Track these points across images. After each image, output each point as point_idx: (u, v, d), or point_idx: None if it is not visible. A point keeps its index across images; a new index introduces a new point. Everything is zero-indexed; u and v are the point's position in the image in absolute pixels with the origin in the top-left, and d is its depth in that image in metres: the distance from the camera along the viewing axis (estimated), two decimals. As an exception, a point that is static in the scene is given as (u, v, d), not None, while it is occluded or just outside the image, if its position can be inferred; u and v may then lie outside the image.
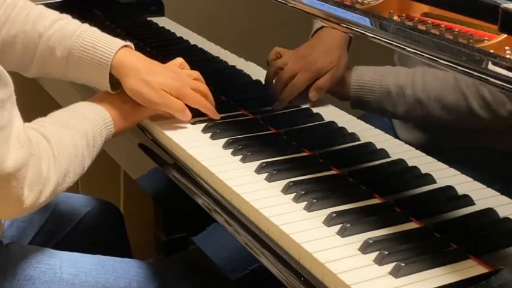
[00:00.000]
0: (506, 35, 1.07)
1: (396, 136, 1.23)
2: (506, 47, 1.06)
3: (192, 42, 1.72)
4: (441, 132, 1.16)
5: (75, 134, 1.19)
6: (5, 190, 1.04)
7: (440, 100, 1.10)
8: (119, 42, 1.33)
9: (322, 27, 1.31)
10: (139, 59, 1.33)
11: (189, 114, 1.34)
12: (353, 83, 1.24)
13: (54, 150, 1.12)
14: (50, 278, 1.23)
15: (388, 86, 1.18)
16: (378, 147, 1.24)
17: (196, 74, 1.39)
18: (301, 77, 1.33)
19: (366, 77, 1.22)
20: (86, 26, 1.37)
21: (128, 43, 1.35)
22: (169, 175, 1.31)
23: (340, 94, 1.29)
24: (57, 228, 1.51)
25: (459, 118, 1.09)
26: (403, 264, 0.96)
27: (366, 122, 1.28)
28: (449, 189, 1.12)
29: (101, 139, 1.25)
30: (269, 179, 1.18)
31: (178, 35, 1.78)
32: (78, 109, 1.27)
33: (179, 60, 1.41)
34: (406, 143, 1.20)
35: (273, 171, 1.19)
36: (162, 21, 1.85)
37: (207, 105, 1.37)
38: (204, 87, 1.38)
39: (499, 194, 1.05)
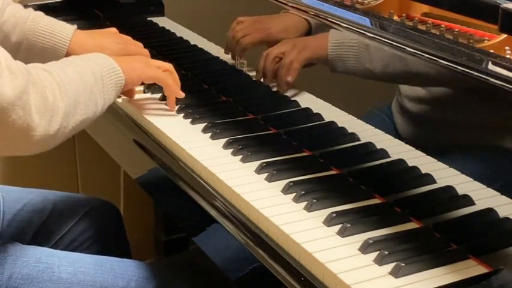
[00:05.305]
0: (506, 35, 1.07)
1: (396, 136, 1.23)
2: (506, 47, 1.06)
3: (192, 42, 1.72)
4: (442, 124, 1.15)
5: (80, 70, 1.20)
6: (13, 121, 1.04)
7: None
8: (70, 28, 1.40)
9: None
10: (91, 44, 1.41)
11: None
12: (331, 42, 1.23)
13: (57, 80, 1.13)
14: (48, 277, 1.23)
15: (366, 40, 1.17)
16: (378, 147, 1.24)
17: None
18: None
19: (343, 34, 1.22)
20: (35, 12, 1.42)
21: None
22: (169, 175, 1.31)
23: (320, 58, 1.29)
24: (56, 228, 1.51)
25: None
26: (403, 264, 0.95)
27: (366, 122, 1.28)
28: (449, 189, 1.12)
29: (111, 83, 1.25)
30: (269, 179, 1.18)
31: (178, 35, 1.78)
32: (83, 55, 1.29)
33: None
34: (405, 139, 1.20)
35: (273, 171, 1.18)
36: (162, 21, 1.85)
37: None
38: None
39: (499, 194, 1.05)
